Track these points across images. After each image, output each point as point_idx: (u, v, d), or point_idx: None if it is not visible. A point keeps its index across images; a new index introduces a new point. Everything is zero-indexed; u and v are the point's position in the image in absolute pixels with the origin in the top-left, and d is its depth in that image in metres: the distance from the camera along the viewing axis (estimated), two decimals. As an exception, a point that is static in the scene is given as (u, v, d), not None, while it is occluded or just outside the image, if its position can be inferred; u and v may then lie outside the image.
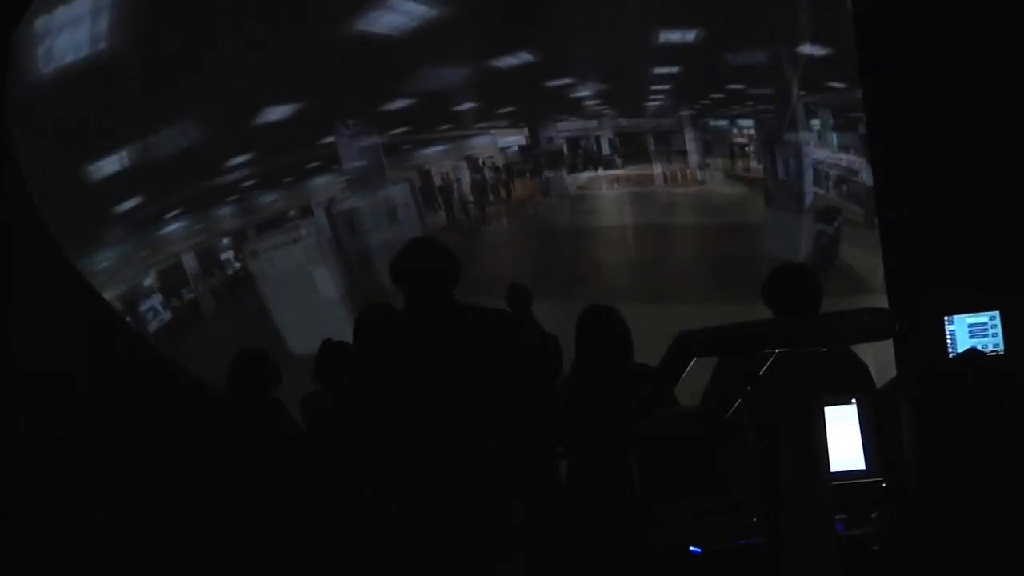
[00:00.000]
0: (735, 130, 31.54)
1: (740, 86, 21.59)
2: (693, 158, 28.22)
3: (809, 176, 14.58)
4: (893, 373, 2.43)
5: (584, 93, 23.07)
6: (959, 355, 3.15)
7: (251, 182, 16.30)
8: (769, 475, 1.77)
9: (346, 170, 16.47)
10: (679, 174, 24.70)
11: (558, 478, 2.88)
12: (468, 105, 19.90)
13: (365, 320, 3.05)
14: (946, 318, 3.06)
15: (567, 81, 23.62)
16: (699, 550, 2.11)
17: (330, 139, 15.12)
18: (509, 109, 21.88)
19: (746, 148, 30.02)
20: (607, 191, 23.83)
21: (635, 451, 2.29)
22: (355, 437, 2.52)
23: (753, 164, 26.57)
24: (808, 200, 14.64)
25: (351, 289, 15.10)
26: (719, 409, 1.90)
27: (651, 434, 2.21)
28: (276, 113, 12.40)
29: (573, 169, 31.53)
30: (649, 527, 2.21)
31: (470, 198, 20.64)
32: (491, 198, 24.49)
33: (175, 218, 15.44)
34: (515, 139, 29.69)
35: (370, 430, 2.36)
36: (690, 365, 1.70)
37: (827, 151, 13.23)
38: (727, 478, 2.19)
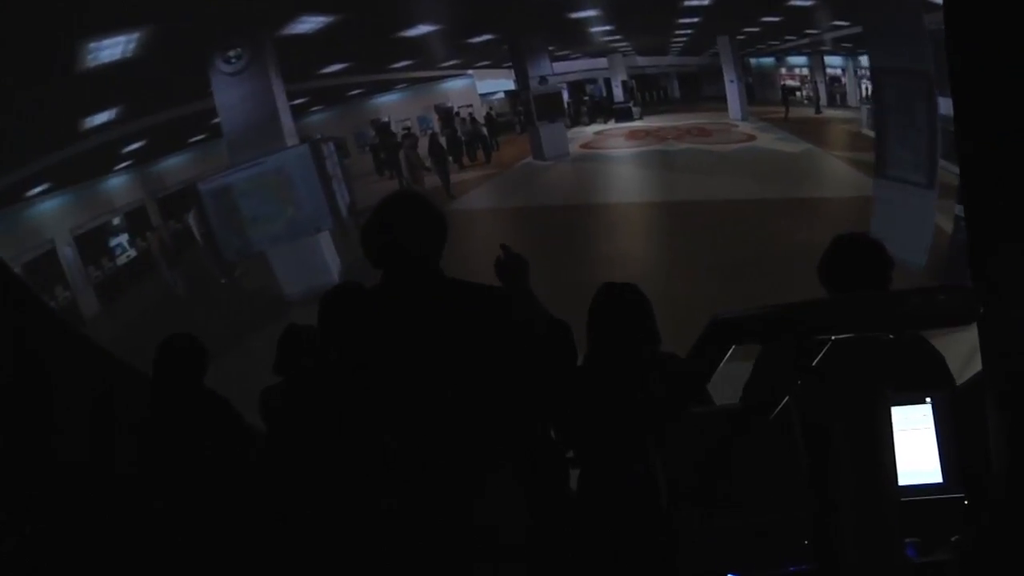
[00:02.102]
0: (784, 69, 26.12)
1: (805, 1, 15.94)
2: (734, 106, 23.08)
3: (937, 137, 9.11)
4: (977, 367, 1.64)
5: (589, 14, 17.73)
6: None
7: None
8: (823, 488, 1.51)
9: (225, 129, 11.05)
10: (715, 127, 20.67)
11: (567, 487, 2.40)
12: (428, 29, 14.27)
13: (332, 299, 2.48)
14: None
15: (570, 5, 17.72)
16: None
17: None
18: (487, 38, 16.27)
19: (798, 93, 24.55)
20: (621, 150, 19.02)
21: (661, 456, 1.80)
22: (315, 435, 2.27)
23: (819, 109, 20.96)
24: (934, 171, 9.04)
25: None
26: (762, 408, 1.68)
27: (680, 436, 1.77)
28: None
29: (576, 121, 26.84)
30: (677, 548, 1.81)
31: (425, 164, 15.06)
32: (467, 161, 18.95)
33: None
34: (500, 82, 24.05)
35: (335, 427, 2.11)
36: (727, 354, 1.51)
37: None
38: (772, 491, 1.72)
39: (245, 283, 12.79)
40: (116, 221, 16.55)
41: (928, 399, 1.77)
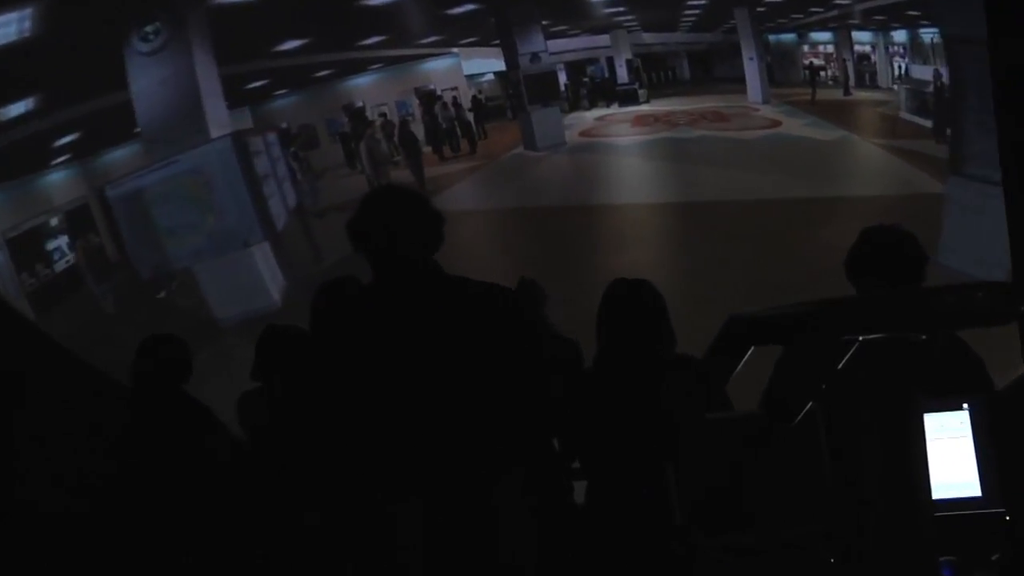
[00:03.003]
0: (807, 47, 23.78)
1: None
2: (754, 87, 20.74)
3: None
4: (1019, 370, 1.69)
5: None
6: None
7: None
8: (851, 503, 1.42)
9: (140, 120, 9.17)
10: (733, 111, 17.81)
11: (572, 501, 2.38)
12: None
13: (325, 297, 2.50)
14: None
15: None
16: None
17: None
18: (470, 8, 13.99)
19: (822, 73, 22.27)
20: (626, 138, 16.27)
21: (674, 467, 1.73)
22: (307, 444, 2.13)
23: (848, 90, 18.72)
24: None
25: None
26: (784, 414, 1.58)
27: (696, 444, 1.71)
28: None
29: (575, 106, 24.42)
30: (693, 567, 1.76)
31: (394, 156, 12.86)
32: (449, 152, 16.66)
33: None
34: (489, 62, 21.61)
35: (329, 435, 1.98)
36: (746, 356, 1.55)
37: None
38: (795, 506, 1.62)
39: (180, 299, 10.71)
40: (54, 222, 14.59)
41: (965, 405, 1.65)
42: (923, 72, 16.45)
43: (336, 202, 14.15)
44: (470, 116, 16.23)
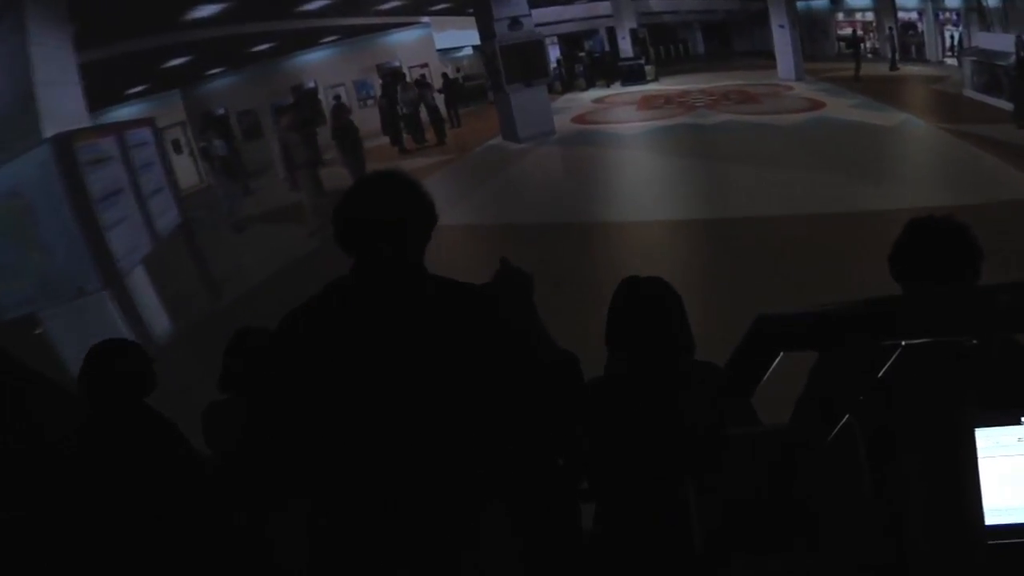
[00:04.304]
0: (842, 15, 20.69)
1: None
2: (785, 61, 17.49)
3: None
4: None
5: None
6: None
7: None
8: (894, 527, 1.36)
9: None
10: (762, 90, 14.47)
11: (579, 526, 2.10)
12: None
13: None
14: None
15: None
16: None
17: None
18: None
19: (865, 42, 19.19)
20: (631, 125, 12.94)
21: (695, 486, 1.67)
22: (282, 458, 1.93)
23: (895, 64, 15.74)
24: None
25: None
26: (819, 428, 1.47)
27: (719, 462, 1.62)
28: None
29: (569, 85, 21.28)
30: None
31: (324, 155, 10.00)
32: (412, 143, 13.62)
33: None
34: (467, 34, 18.13)
35: (302, 448, 1.81)
36: (774, 363, 1.38)
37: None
38: (830, 530, 1.50)
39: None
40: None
41: (1023, 419, 1.46)
42: (992, 41, 13.55)
43: (272, 208, 11.44)
44: (440, 99, 13.33)
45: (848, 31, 17.51)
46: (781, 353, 1.32)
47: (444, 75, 14.30)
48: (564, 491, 2.01)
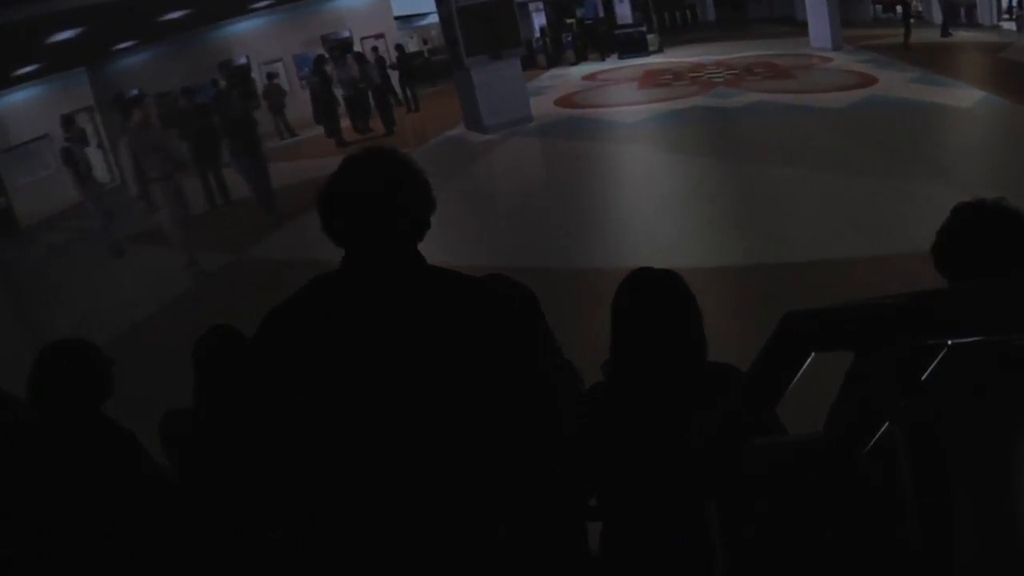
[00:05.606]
0: None
1: None
2: (820, 27, 14.80)
3: None
4: None
5: None
6: None
7: None
8: (942, 547, 1.25)
9: None
10: (794, 63, 11.76)
11: (585, 547, 2.04)
12: None
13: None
14: None
15: None
16: None
17: None
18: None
19: (898, 7, 16.35)
20: (633, 108, 10.29)
21: (715, 504, 1.52)
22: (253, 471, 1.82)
23: (947, 30, 13.08)
24: None
25: None
26: (854, 438, 1.35)
27: (742, 476, 1.48)
28: None
29: (555, 59, 18.30)
30: None
31: (221, 158, 7.54)
32: (354, 133, 10.95)
33: None
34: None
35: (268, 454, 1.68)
36: (804, 365, 1.24)
37: None
38: (868, 552, 1.38)
39: None
40: None
41: None
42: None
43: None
44: (394, 76, 10.77)
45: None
46: (812, 354, 1.15)
47: (398, 47, 11.71)
48: (566, 507, 1.82)
